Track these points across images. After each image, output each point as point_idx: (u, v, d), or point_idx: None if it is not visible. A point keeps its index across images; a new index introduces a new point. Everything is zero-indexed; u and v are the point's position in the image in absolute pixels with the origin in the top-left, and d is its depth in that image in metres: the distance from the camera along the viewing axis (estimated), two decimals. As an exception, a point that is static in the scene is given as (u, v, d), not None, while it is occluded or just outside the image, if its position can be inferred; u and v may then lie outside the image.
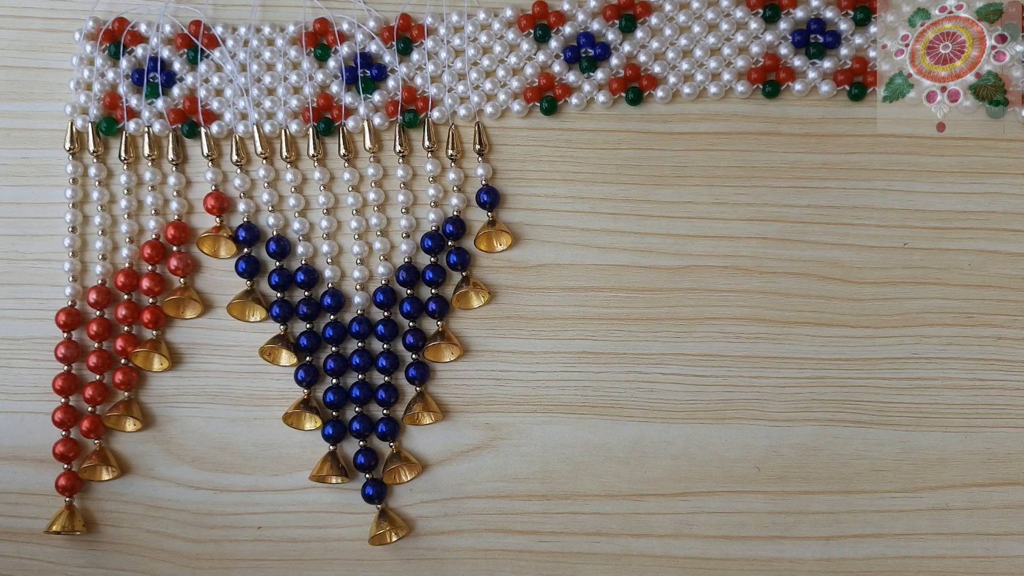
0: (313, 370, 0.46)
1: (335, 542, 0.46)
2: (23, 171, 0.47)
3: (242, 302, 0.46)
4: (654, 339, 0.45)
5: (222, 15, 0.48)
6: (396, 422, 0.46)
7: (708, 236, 0.46)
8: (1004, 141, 0.44)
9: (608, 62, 0.46)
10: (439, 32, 0.46)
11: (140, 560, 0.46)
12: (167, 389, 0.46)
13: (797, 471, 0.45)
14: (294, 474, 0.46)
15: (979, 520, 0.44)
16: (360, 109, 0.46)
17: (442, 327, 0.46)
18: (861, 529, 0.44)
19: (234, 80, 0.47)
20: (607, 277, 0.46)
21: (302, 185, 0.47)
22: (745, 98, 0.46)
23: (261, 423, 0.46)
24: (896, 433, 0.45)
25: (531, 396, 0.46)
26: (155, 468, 0.46)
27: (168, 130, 0.47)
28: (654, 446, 0.45)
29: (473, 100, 0.46)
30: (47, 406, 0.46)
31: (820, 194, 0.45)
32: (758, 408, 0.45)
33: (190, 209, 0.47)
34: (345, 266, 0.47)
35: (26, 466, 0.46)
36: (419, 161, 0.47)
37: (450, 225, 0.46)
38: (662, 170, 0.46)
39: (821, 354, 0.45)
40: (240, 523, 0.46)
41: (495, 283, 0.46)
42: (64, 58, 0.47)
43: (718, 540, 0.45)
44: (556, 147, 0.46)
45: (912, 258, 0.45)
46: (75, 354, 0.46)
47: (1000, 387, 0.45)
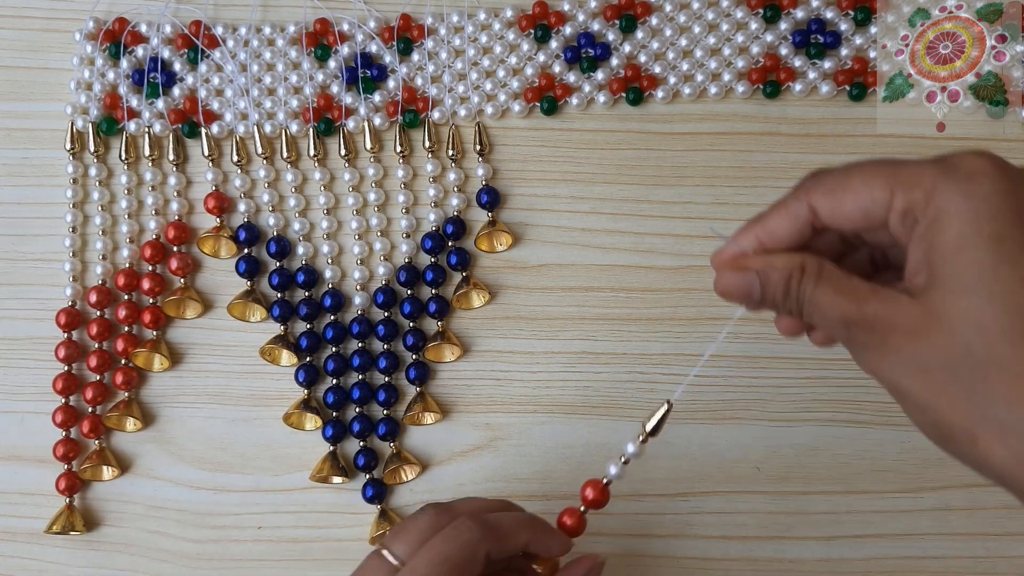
0: (313, 370, 0.46)
1: (335, 542, 0.46)
2: (24, 171, 0.47)
3: (242, 302, 0.46)
4: (654, 339, 0.45)
5: (222, 15, 0.48)
6: (396, 422, 0.46)
7: (708, 236, 0.46)
8: (1004, 141, 0.44)
9: (608, 62, 0.46)
10: (439, 32, 0.46)
11: (140, 560, 0.46)
12: (167, 389, 0.46)
13: (797, 471, 0.45)
14: (294, 474, 0.46)
15: (979, 520, 0.44)
16: (360, 109, 0.46)
17: (442, 327, 0.46)
18: (862, 529, 0.44)
19: (234, 80, 0.47)
20: (607, 277, 0.46)
21: (302, 185, 0.47)
22: (745, 98, 0.46)
23: (261, 423, 0.46)
24: (896, 433, 0.45)
25: (531, 396, 0.45)
26: (155, 468, 0.46)
27: (168, 130, 0.47)
28: (654, 446, 0.45)
29: (473, 100, 0.46)
30: (47, 406, 0.45)
31: (820, 194, 0.45)
32: (758, 408, 0.45)
33: (190, 209, 0.47)
34: (345, 266, 0.47)
35: (26, 466, 0.46)
36: (419, 161, 0.47)
37: (450, 225, 0.46)
38: (662, 170, 0.46)
39: (821, 354, 0.45)
40: (240, 523, 0.46)
41: (495, 283, 0.46)
42: (65, 58, 0.47)
43: (718, 540, 0.45)
44: (556, 147, 0.46)
45: (912, 258, 0.45)
46: (75, 354, 0.46)
47: (1000, 387, 0.44)
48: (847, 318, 0.28)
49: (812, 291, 0.28)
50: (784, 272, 0.29)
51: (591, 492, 0.36)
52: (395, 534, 0.33)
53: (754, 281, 0.30)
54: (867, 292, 0.27)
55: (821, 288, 0.28)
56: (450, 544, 0.32)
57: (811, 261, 0.29)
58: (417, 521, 0.33)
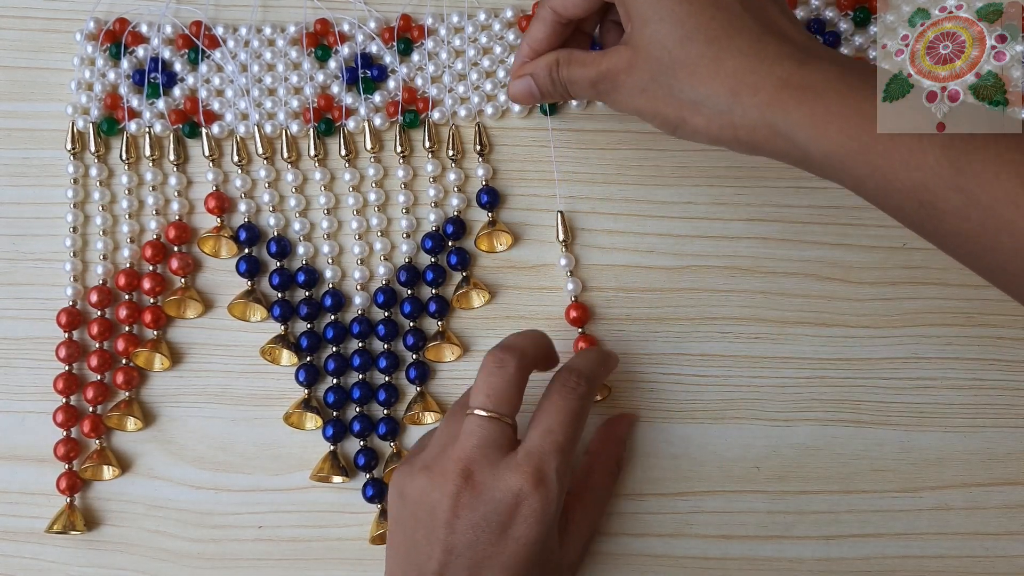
0: (314, 370, 0.46)
1: (335, 542, 0.46)
2: (24, 171, 0.47)
3: (243, 302, 0.46)
4: (654, 339, 0.45)
5: (223, 16, 0.48)
6: (396, 422, 0.46)
7: (708, 236, 0.46)
8: (1004, 141, 0.44)
9: (608, 62, 0.46)
10: (439, 33, 0.46)
11: (140, 560, 0.46)
12: (168, 389, 0.46)
13: (797, 471, 0.45)
14: (294, 474, 0.46)
15: (979, 520, 0.44)
16: (361, 110, 0.46)
17: (442, 327, 0.46)
18: (861, 529, 0.44)
19: (235, 81, 0.47)
20: (607, 277, 0.46)
21: (303, 185, 0.47)
22: (745, 98, 0.46)
23: (261, 423, 0.46)
24: (896, 433, 0.45)
25: (531, 396, 0.45)
26: (156, 468, 0.46)
27: (169, 130, 0.47)
28: (654, 446, 0.45)
29: (473, 100, 0.46)
30: (48, 406, 0.46)
31: (820, 194, 0.45)
32: (758, 408, 0.45)
33: (191, 209, 0.47)
34: (346, 266, 0.47)
35: (26, 466, 0.46)
36: (419, 161, 0.47)
37: (450, 225, 0.46)
38: (662, 170, 0.46)
39: (821, 354, 0.45)
40: (240, 523, 0.46)
41: (495, 283, 0.46)
42: (65, 58, 0.47)
43: (718, 540, 0.45)
44: (556, 147, 0.46)
45: (912, 258, 0.45)
46: (76, 354, 0.46)
47: (1000, 387, 0.45)
48: (591, 80, 0.37)
49: (567, 73, 0.38)
50: (545, 67, 0.39)
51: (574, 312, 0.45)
52: (495, 395, 0.38)
53: (530, 82, 0.40)
54: (599, 57, 0.37)
55: (571, 69, 0.38)
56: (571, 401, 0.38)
57: (562, 53, 0.39)
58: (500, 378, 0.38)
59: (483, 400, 0.37)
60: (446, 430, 0.38)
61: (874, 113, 0.32)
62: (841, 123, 0.32)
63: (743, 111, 0.33)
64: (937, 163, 0.31)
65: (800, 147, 0.33)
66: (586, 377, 0.39)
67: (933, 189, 0.31)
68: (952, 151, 0.31)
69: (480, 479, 0.36)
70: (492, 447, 0.36)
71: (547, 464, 0.36)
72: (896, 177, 0.31)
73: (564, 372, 0.39)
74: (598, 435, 0.44)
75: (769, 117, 0.33)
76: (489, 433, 0.36)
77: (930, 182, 0.31)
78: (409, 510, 0.37)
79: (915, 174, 0.31)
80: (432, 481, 0.36)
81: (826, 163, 0.33)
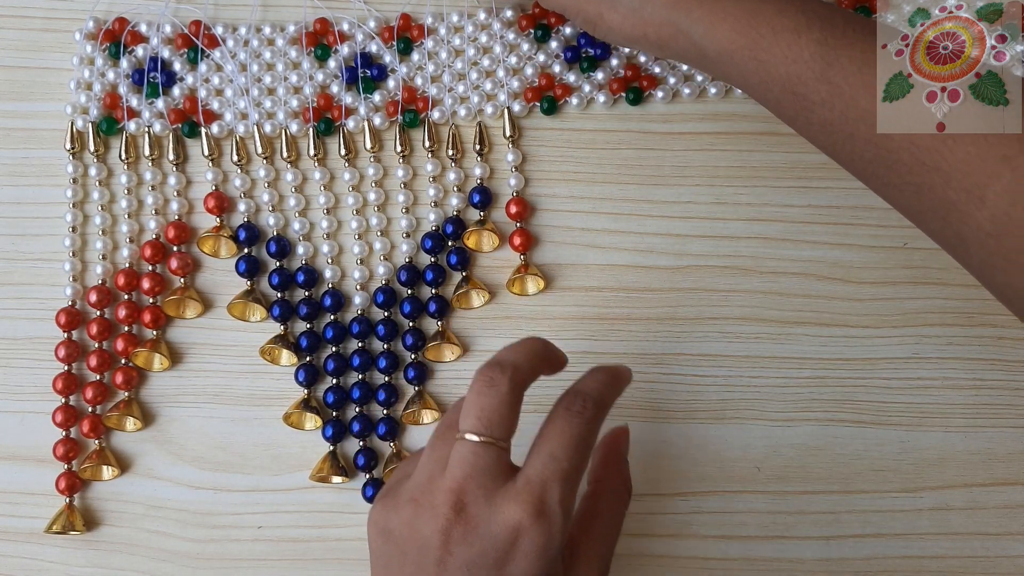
0: (313, 370, 0.46)
1: (335, 542, 0.46)
2: (23, 171, 0.47)
3: (242, 302, 0.46)
4: (654, 339, 0.45)
5: (222, 15, 0.48)
6: (396, 422, 0.46)
7: (708, 236, 0.46)
8: (1004, 141, 0.44)
9: (608, 62, 0.46)
10: (439, 32, 0.46)
11: (140, 560, 0.46)
12: (167, 389, 0.46)
13: (797, 471, 0.45)
14: (294, 474, 0.46)
15: (979, 520, 0.44)
16: (360, 109, 0.46)
17: (442, 327, 0.46)
18: (861, 529, 0.44)
19: (234, 80, 0.47)
20: (607, 277, 0.46)
21: (302, 185, 0.47)
22: (745, 98, 0.46)
23: (261, 423, 0.46)
24: (896, 433, 0.45)
25: (529, 396, 0.45)
26: (155, 468, 0.46)
27: (168, 130, 0.47)
28: (654, 446, 0.45)
29: (473, 100, 0.46)
30: (47, 406, 0.46)
31: (820, 194, 0.45)
32: (758, 408, 0.45)
33: (190, 209, 0.47)
34: (345, 266, 0.47)
35: (26, 466, 0.46)
36: (419, 161, 0.47)
37: (450, 225, 0.46)
38: (662, 170, 0.46)
39: (821, 354, 0.45)
40: (240, 523, 0.46)
41: (495, 283, 0.46)
42: (64, 58, 0.47)
43: (718, 540, 0.45)
44: (556, 147, 0.46)
45: (912, 258, 0.45)
46: (75, 354, 0.46)
47: (1000, 387, 0.45)
48: None
49: None
50: None
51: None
52: (484, 418, 0.33)
53: None
54: None
55: None
56: (577, 427, 0.34)
57: None
58: (491, 399, 0.33)
59: (474, 423, 0.33)
60: (432, 455, 0.34)
61: (765, 11, 0.35)
62: (733, 21, 0.35)
63: (652, 9, 0.36)
64: (811, 57, 0.34)
65: (698, 45, 0.36)
66: (594, 400, 0.35)
67: (805, 81, 0.34)
68: (824, 47, 0.34)
69: (474, 512, 0.32)
70: (486, 475, 0.32)
71: (549, 494, 0.32)
72: (776, 70, 0.34)
73: (570, 395, 0.35)
74: (599, 457, 0.40)
75: (673, 16, 0.36)
76: (482, 460, 0.32)
77: (803, 74, 0.34)
78: (395, 546, 0.33)
79: (792, 67, 0.34)
80: (420, 515, 0.32)
81: (719, 60, 0.36)
